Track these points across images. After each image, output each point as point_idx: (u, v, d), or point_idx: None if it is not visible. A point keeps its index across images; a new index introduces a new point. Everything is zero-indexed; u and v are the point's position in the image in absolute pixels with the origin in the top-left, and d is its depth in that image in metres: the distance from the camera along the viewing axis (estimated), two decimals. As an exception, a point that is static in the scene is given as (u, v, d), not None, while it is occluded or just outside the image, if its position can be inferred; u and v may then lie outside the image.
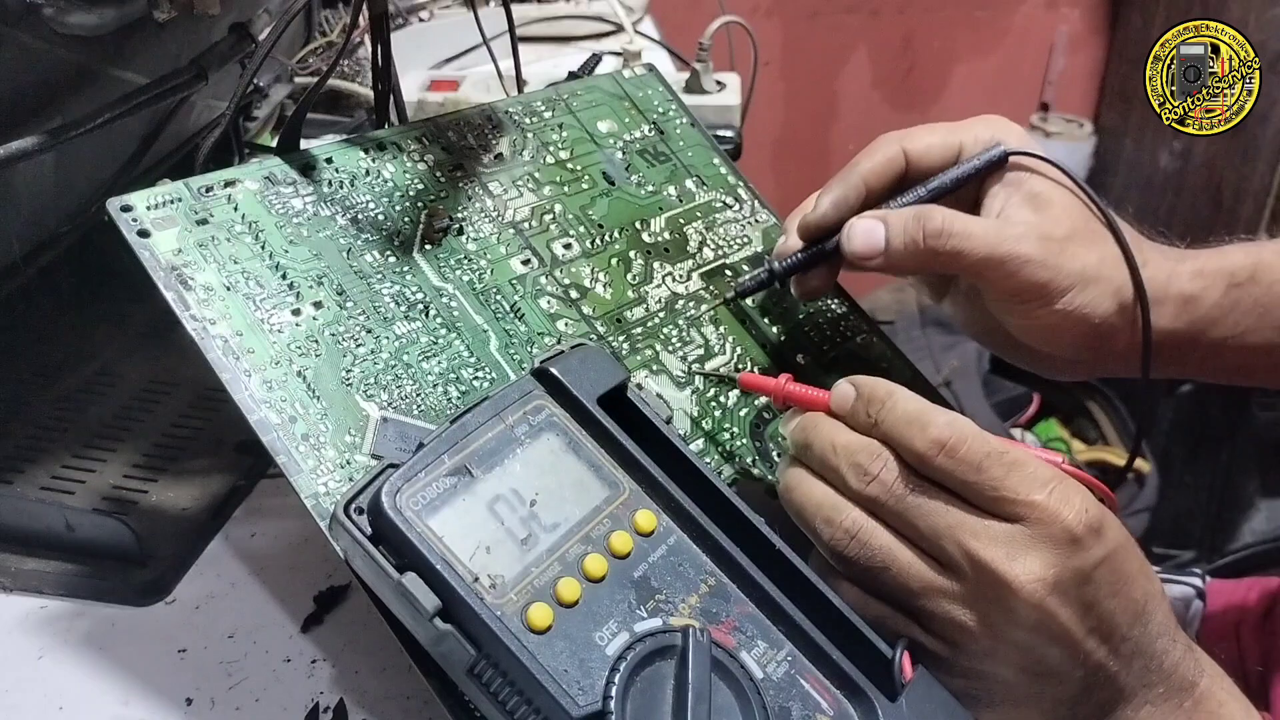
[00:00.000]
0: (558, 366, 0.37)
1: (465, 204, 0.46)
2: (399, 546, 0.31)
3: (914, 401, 0.37)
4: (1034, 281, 0.44)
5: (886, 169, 0.47)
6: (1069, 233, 0.45)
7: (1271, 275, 0.48)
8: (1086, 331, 0.45)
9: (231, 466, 0.55)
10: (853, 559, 0.37)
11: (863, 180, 0.46)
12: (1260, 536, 1.47)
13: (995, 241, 0.44)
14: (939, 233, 0.44)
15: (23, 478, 0.54)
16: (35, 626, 0.45)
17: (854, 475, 0.37)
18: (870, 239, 0.45)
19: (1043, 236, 0.44)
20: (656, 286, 0.49)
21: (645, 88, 0.57)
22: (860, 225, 0.45)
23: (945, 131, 0.48)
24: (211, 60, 0.52)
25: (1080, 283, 0.44)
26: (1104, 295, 0.45)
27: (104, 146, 0.57)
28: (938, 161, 0.47)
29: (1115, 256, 0.46)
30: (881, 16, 2.02)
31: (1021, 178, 0.46)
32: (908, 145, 0.47)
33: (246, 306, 0.38)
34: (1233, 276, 0.48)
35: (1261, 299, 0.48)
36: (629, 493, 0.36)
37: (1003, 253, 0.43)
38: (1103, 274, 0.45)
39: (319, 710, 0.42)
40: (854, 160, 0.47)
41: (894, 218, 0.45)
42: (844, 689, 0.35)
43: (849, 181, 0.46)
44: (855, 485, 0.37)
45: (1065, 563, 0.34)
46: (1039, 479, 0.35)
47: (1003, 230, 0.44)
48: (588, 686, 0.31)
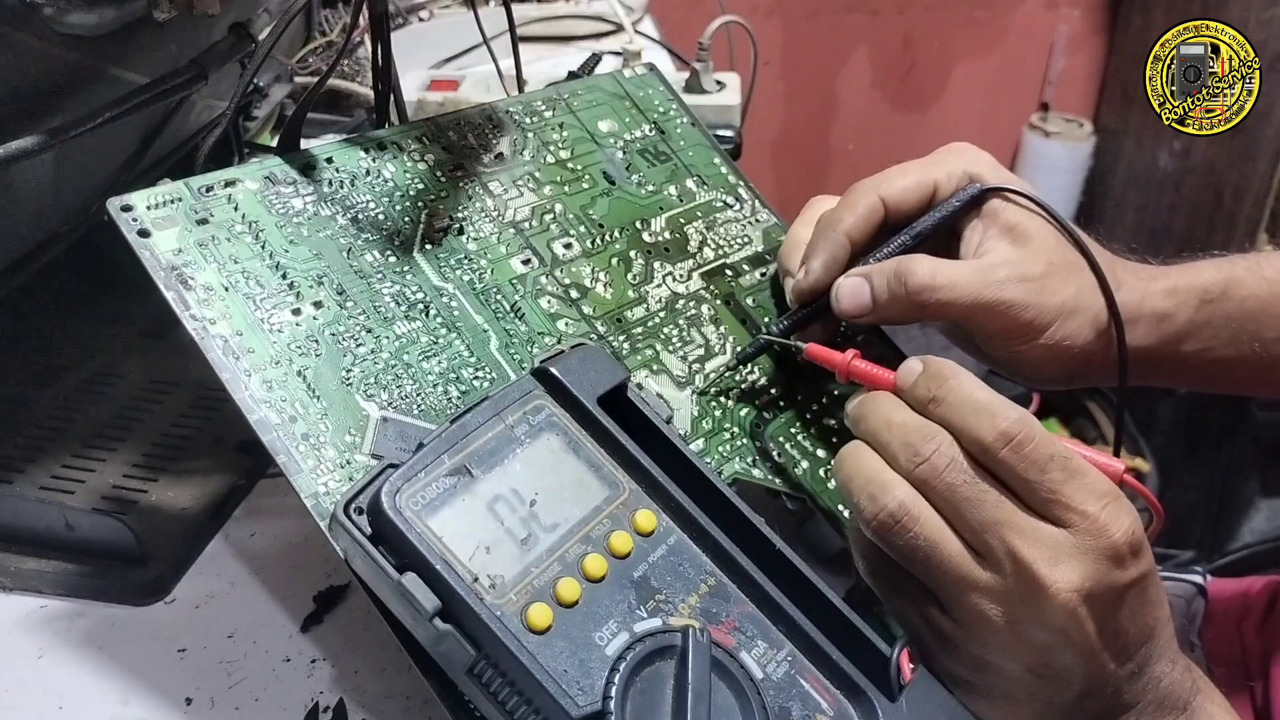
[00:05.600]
0: (558, 366, 0.37)
1: (465, 203, 0.46)
2: (399, 546, 0.31)
3: (982, 389, 0.37)
4: (1019, 322, 0.45)
5: (867, 221, 0.47)
6: (1047, 269, 0.46)
7: (1242, 291, 0.49)
8: (1068, 360, 0.47)
9: (231, 466, 0.55)
10: (893, 538, 0.37)
11: (846, 238, 0.47)
12: (1260, 536, 1.47)
13: (979, 289, 0.45)
14: (922, 288, 0.44)
15: (23, 477, 0.54)
16: (35, 626, 0.45)
17: (905, 454, 0.37)
18: (857, 298, 0.46)
19: (1023, 278, 0.45)
20: (657, 286, 0.49)
21: (646, 87, 0.57)
22: (846, 285, 0.46)
23: (918, 171, 0.48)
24: (211, 60, 0.52)
25: (1061, 316, 0.46)
26: (1084, 325, 0.46)
27: (104, 146, 0.57)
28: (914, 204, 0.48)
29: (1091, 285, 0.47)
30: (881, 16, 2.02)
31: (997, 209, 0.47)
32: (884, 193, 0.48)
33: (247, 306, 0.38)
34: (1205, 293, 0.49)
35: (1233, 315, 0.49)
36: (629, 493, 0.36)
37: (988, 299, 0.45)
38: (1081, 304, 0.46)
39: (319, 710, 0.42)
40: (834, 216, 0.48)
41: (877, 275, 0.46)
42: (844, 689, 0.35)
43: (834, 240, 0.47)
44: (905, 463, 0.37)
45: (1103, 577, 0.35)
46: (1096, 490, 0.35)
47: (985, 277, 0.45)
48: (587, 686, 0.31)
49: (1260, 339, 0.50)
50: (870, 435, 0.38)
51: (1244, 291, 0.49)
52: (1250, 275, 0.50)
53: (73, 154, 0.52)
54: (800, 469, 0.47)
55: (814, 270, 0.47)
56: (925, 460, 0.36)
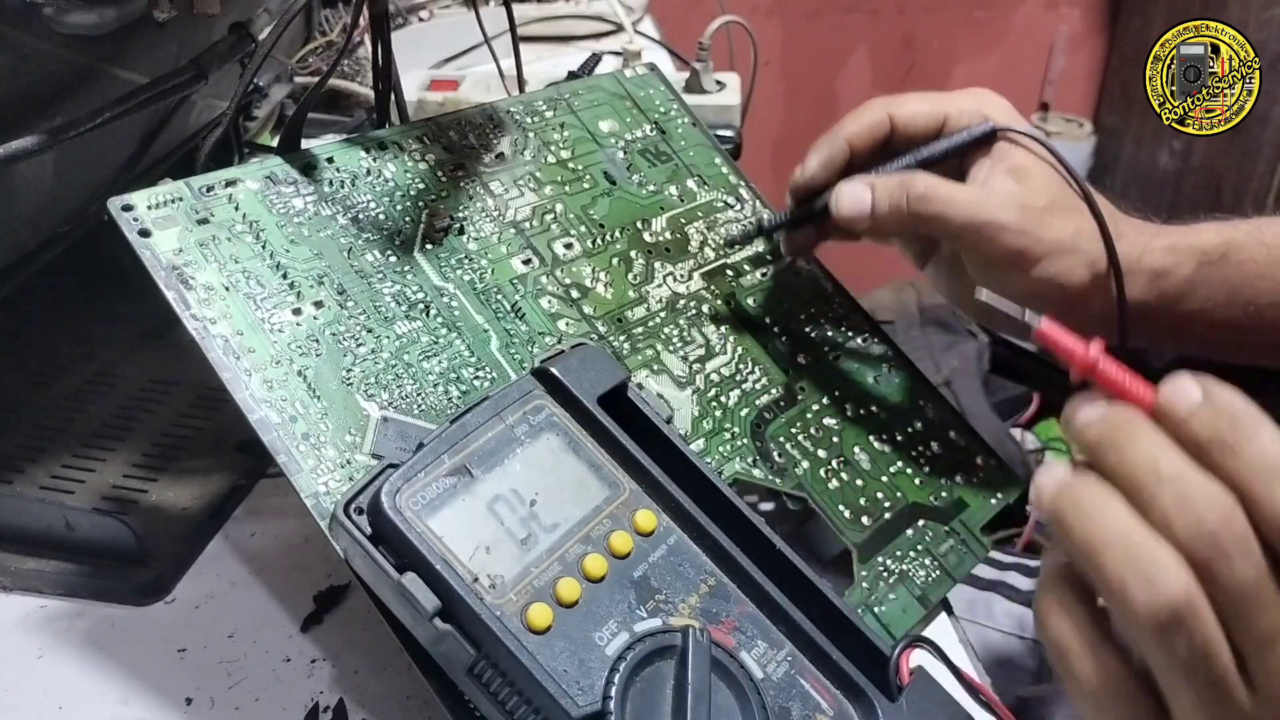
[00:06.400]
0: (558, 366, 0.37)
1: (466, 203, 0.46)
2: (399, 546, 0.31)
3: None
4: (1011, 248, 0.45)
5: (872, 132, 0.48)
6: (1048, 204, 0.46)
7: (1241, 255, 0.49)
8: (1060, 299, 0.46)
9: (231, 466, 0.55)
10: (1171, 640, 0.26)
11: (847, 142, 0.48)
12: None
13: (977, 208, 0.45)
14: (923, 197, 0.45)
15: (22, 477, 0.54)
16: (35, 626, 0.45)
17: (1183, 521, 0.26)
18: (857, 203, 0.46)
19: (1022, 206, 0.46)
20: (657, 286, 0.49)
21: (647, 87, 0.57)
22: (848, 189, 0.47)
23: (933, 101, 0.49)
24: (211, 60, 0.52)
25: (1056, 251, 0.46)
26: (1078, 265, 0.46)
27: (104, 146, 0.56)
28: (922, 129, 0.48)
29: (1091, 230, 0.47)
30: (881, 16, 2.02)
31: (1005, 150, 0.48)
32: (894, 111, 0.48)
33: (247, 306, 0.38)
34: (1205, 254, 0.49)
35: (1231, 277, 0.49)
36: (629, 493, 0.36)
37: (983, 219, 0.45)
38: (1078, 245, 0.46)
39: (319, 710, 0.42)
40: (841, 122, 0.49)
41: (880, 183, 0.46)
42: (844, 689, 0.35)
43: (835, 143, 0.48)
44: (1183, 534, 0.26)
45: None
46: None
47: (985, 198, 0.46)
48: (587, 687, 0.31)
49: (1255, 303, 0.49)
50: (1125, 476, 0.28)
51: (1243, 255, 0.49)
52: (1250, 240, 0.50)
53: (73, 154, 0.52)
54: (800, 469, 0.47)
55: (810, 167, 0.48)
56: (1212, 538, 0.26)
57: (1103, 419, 0.29)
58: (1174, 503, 0.26)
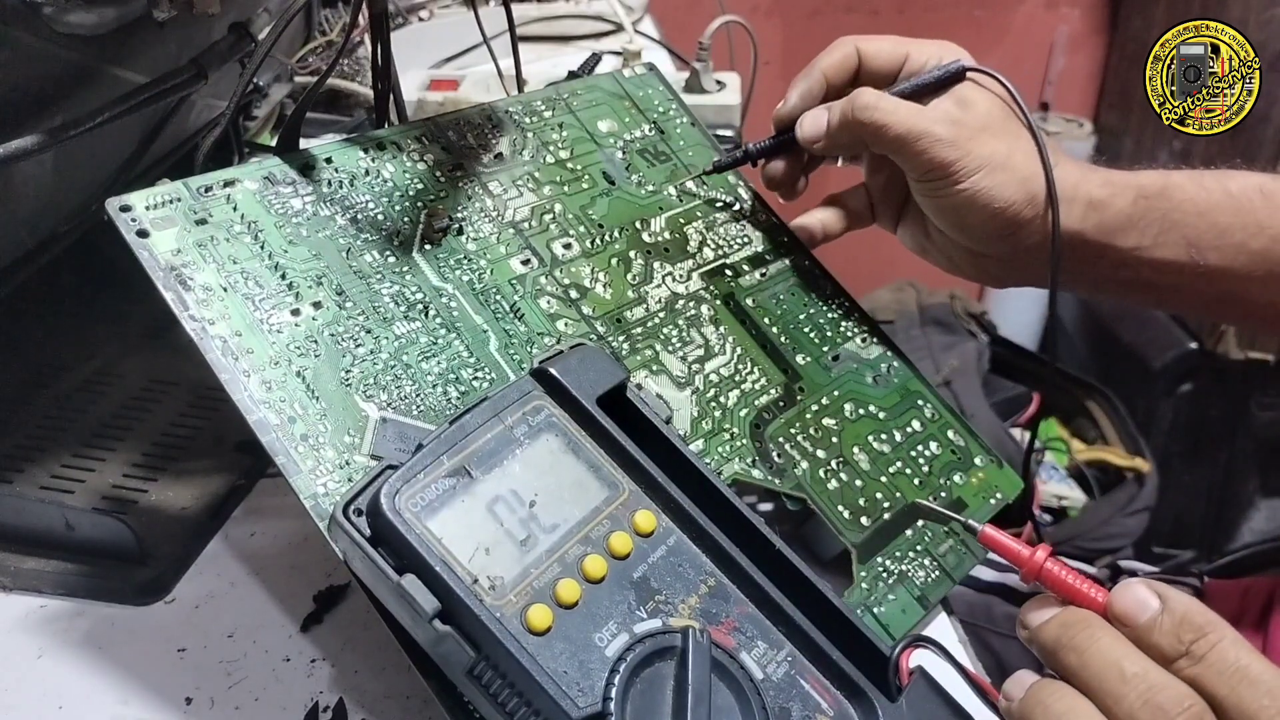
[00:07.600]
0: (557, 367, 0.37)
1: (465, 204, 0.46)
2: (398, 548, 0.31)
3: (1252, 653, 0.29)
4: (942, 159, 0.47)
5: (843, 64, 0.52)
6: (983, 124, 0.49)
7: (1181, 194, 0.50)
8: (992, 216, 0.48)
9: (231, 466, 0.55)
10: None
11: (822, 74, 0.52)
12: (1260, 536, 1.47)
13: (913, 120, 0.48)
14: (866, 106, 0.48)
15: (22, 477, 0.54)
16: (35, 626, 0.45)
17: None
18: (816, 125, 0.51)
19: (955, 121, 0.48)
20: (656, 286, 0.49)
21: (646, 87, 0.57)
22: (810, 114, 0.52)
23: (896, 41, 0.53)
24: (211, 60, 0.52)
25: (987, 166, 0.48)
26: (1009, 182, 0.48)
27: (104, 146, 0.57)
28: (886, 62, 0.52)
29: (1026, 152, 0.49)
30: (881, 16, 2.02)
31: (962, 86, 0.50)
32: (860, 44, 0.53)
33: (245, 306, 0.38)
34: (1142, 190, 0.50)
35: (1170, 214, 0.50)
36: (628, 493, 0.36)
37: (919, 130, 0.48)
38: (1011, 163, 0.48)
39: (318, 710, 0.42)
40: (816, 58, 0.53)
41: (834, 105, 0.50)
42: (844, 689, 0.35)
43: (811, 76, 0.52)
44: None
45: None
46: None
47: (922, 112, 0.49)
48: (587, 688, 0.31)
49: (1196, 246, 0.50)
50: (1088, 678, 0.29)
51: (1181, 195, 0.50)
52: (1190, 182, 0.51)
53: (72, 154, 0.52)
54: (799, 469, 0.47)
55: (790, 100, 0.53)
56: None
57: (1059, 622, 0.30)
58: (1141, 703, 0.28)
